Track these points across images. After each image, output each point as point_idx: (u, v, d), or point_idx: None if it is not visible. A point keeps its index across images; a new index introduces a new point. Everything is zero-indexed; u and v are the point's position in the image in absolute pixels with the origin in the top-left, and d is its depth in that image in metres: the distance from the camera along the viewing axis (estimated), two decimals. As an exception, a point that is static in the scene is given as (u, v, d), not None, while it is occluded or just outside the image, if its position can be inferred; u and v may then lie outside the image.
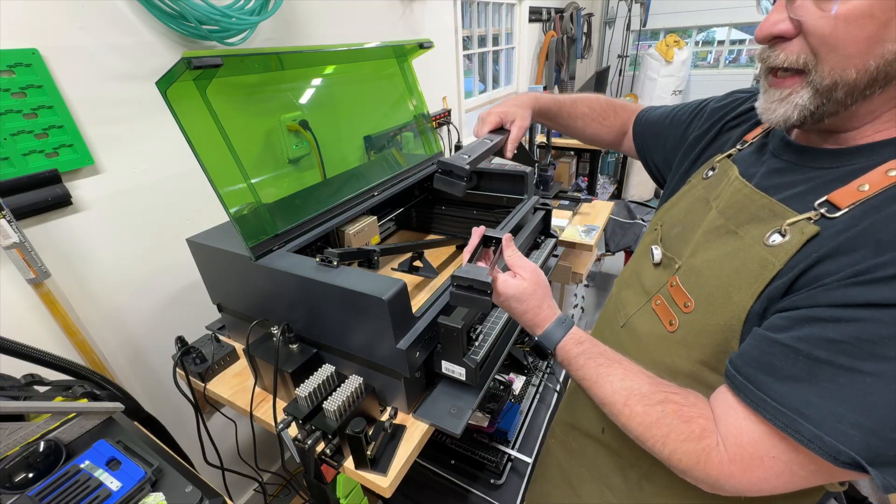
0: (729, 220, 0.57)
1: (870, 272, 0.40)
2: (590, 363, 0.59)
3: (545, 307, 0.64)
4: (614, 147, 1.00)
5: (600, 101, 0.97)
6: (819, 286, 0.44)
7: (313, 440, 0.75)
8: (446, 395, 0.85)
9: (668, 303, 0.62)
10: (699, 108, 0.79)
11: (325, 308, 0.80)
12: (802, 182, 0.51)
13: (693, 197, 0.68)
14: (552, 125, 1.00)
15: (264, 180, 0.98)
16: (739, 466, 0.46)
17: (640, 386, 0.54)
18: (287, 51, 1.08)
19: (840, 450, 0.40)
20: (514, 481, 1.19)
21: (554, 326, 0.63)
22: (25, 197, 0.90)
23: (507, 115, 0.88)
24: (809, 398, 0.42)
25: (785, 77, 0.48)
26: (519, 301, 0.63)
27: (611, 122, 0.96)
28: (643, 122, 0.91)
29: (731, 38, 4.63)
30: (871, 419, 0.39)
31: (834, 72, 0.43)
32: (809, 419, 0.42)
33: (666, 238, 0.69)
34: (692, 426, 0.49)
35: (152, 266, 1.18)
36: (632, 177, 4.44)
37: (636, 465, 0.70)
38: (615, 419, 0.57)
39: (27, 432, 0.62)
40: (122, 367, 1.16)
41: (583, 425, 0.83)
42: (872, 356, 0.39)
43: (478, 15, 2.96)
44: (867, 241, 0.41)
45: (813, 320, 0.43)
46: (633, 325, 0.70)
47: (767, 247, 0.49)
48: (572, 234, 1.79)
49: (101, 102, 1.02)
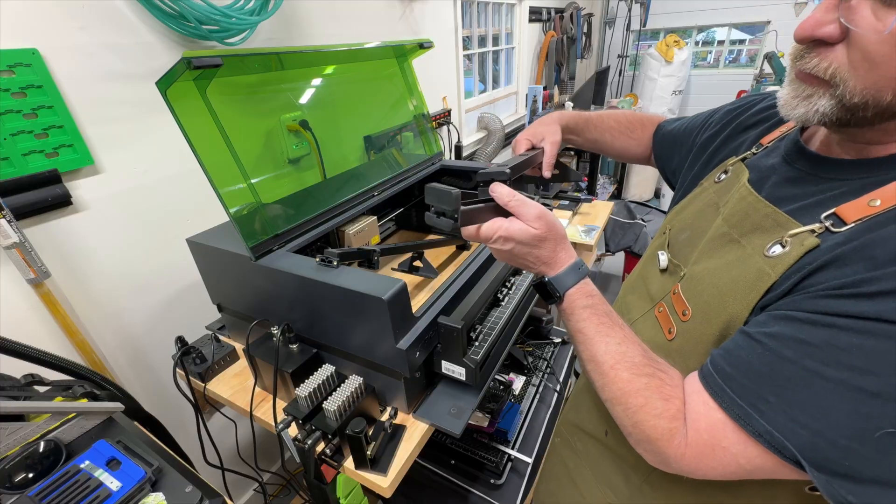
0: (732, 228, 0.56)
1: (856, 286, 0.39)
2: (593, 318, 0.57)
3: (561, 249, 0.59)
4: (643, 162, 0.97)
5: (626, 114, 0.96)
6: (804, 293, 0.44)
7: (313, 440, 0.76)
8: (446, 395, 0.85)
9: (669, 311, 0.62)
10: (714, 111, 0.78)
11: (325, 308, 0.80)
12: (813, 194, 0.49)
13: (703, 201, 0.66)
14: (580, 141, 0.97)
15: (264, 180, 0.98)
16: (694, 450, 0.47)
17: (633, 354, 0.54)
18: (287, 51, 1.08)
19: (785, 445, 0.41)
20: (514, 481, 1.19)
21: (570, 270, 0.58)
22: (25, 197, 0.90)
23: (535, 134, 0.86)
24: (767, 396, 0.43)
25: (811, 77, 0.45)
26: (532, 246, 0.57)
27: (639, 136, 0.94)
28: (662, 133, 0.89)
29: (731, 38, 4.63)
30: (822, 423, 0.39)
31: (867, 91, 0.40)
32: (764, 415, 0.42)
33: (674, 243, 0.68)
34: (669, 405, 0.50)
35: (152, 266, 1.18)
36: (632, 177, 4.44)
37: (638, 469, 0.70)
38: (596, 377, 0.56)
39: (27, 432, 0.62)
40: (122, 367, 1.16)
41: (587, 427, 0.82)
42: (837, 363, 0.39)
43: (478, 15, 2.96)
44: (862, 256, 0.40)
45: (788, 319, 0.43)
46: (636, 331, 0.68)
47: (767, 258, 0.48)
48: (572, 234, 1.79)
49: (101, 102, 1.02)
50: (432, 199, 0.58)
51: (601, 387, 0.55)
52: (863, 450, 0.38)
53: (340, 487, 0.79)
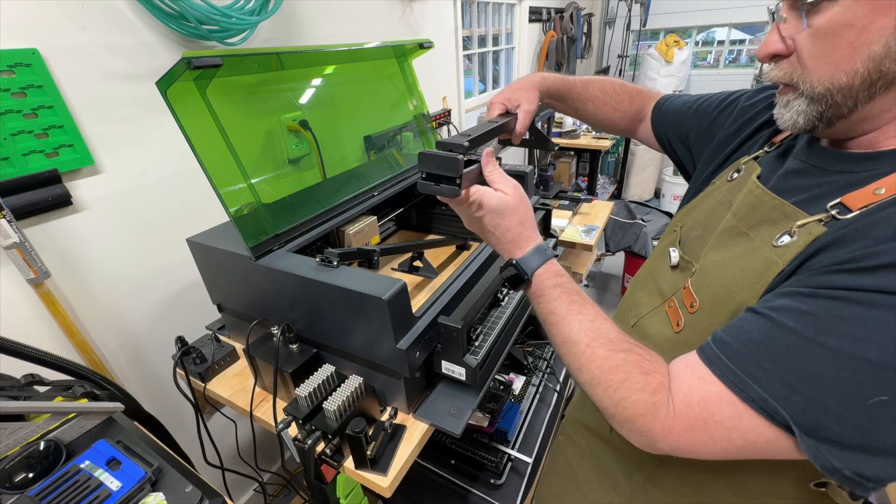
0: (740, 221, 0.57)
1: (857, 261, 0.41)
2: (564, 297, 0.57)
3: (528, 227, 0.60)
4: (628, 134, 0.96)
5: (614, 84, 0.92)
6: (808, 272, 0.45)
7: (313, 440, 0.76)
8: (446, 395, 0.85)
9: (679, 305, 0.62)
10: (728, 102, 0.76)
11: (324, 308, 0.80)
12: (819, 185, 0.51)
13: (716, 199, 0.67)
14: (561, 107, 0.93)
15: (264, 180, 0.98)
16: (683, 424, 0.46)
17: (608, 331, 0.54)
18: (287, 51, 1.09)
19: (778, 410, 0.42)
20: (514, 481, 1.19)
21: (535, 251, 0.60)
22: (25, 197, 0.90)
23: (510, 99, 0.82)
24: (764, 363, 0.43)
25: (785, 87, 0.51)
26: (501, 215, 0.59)
27: (625, 108, 0.91)
28: (663, 110, 0.87)
29: (731, 38, 4.63)
30: (816, 390, 0.40)
31: (824, 79, 0.46)
32: (759, 381, 0.43)
33: (685, 240, 0.68)
34: (650, 379, 0.49)
35: (152, 266, 1.18)
36: (632, 177, 4.45)
37: (641, 467, 0.70)
38: (571, 360, 0.55)
39: (27, 432, 0.62)
40: (122, 367, 1.16)
41: (592, 424, 0.82)
42: (838, 333, 0.40)
43: (478, 15, 2.96)
44: (863, 235, 0.42)
45: (792, 294, 0.45)
46: (643, 326, 0.69)
47: (775, 248, 0.50)
48: (572, 234, 1.79)
49: (101, 102, 1.02)
50: (429, 166, 0.58)
51: (578, 368, 0.54)
52: (855, 417, 0.39)
53: (340, 487, 0.79)
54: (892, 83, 0.44)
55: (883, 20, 0.41)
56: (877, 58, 0.42)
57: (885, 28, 0.41)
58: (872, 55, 0.42)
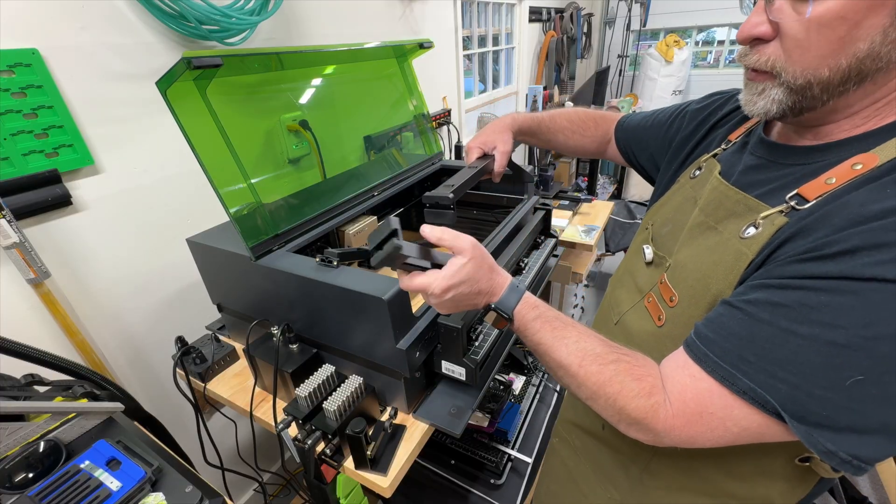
0: (709, 216, 0.60)
1: (819, 249, 0.43)
2: (546, 326, 0.59)
3: (495, 271, 0.61)
4: (598, 155, 1.03)
5: (578, 113, 1.02)
6: (775, 263, 0.47)
7: (313, 440, 0.76)
8: (446, 395, 0.85)
9: (657, 299, 0.64)
10: (679, 111, 0.82)
11: (325, 308, 0.80)
12: (777, 179, 0.54)
13: (682, 196, 0.70)
14: (535, 142, 1.03)
15: (264, 180, 0.98)
16: (682, 420, 0.49)
17: (594, 347, 0.56)
18: (287, 51, 1.08)
19: (767, 400, 0.44)
20: (514, 481, 1.19)
21: (510, 291, 0.61)
22: (25, 197, 0.90)
23: (486, 143, 0.91)
24: (748, 356, 0.46)
25: (759, 73, 0.51)
26: (474, 281, 0.57)
27: (592, 133, 1.00)
28: (624, 128, 0.95)
29: (731, 38, 4.63)
30: (798, 377, 0.42)
31: (807, 71, 0.46)
32: (746, 374, 0.45)
33: (657, 237, 0.71)
34: (642, 384, 0.52)
35: (152, 266, 1.18)
36: (632, 177, 4.44)
37: (636, 460, 0.71)
38: (569, 381, 0.57)
39: (27, 432, 0.62)
40: (122, 367, 1.16)
41: (584, 423, 0.83)
42: (809, 321, 0.42)
43: (478, 15, 2.96)
44: (823, 224, 0.44)
45: (763, 287, 0.47)
46: (626, 323, 0.71)
47: (742, 239, 0.52)
48: (572, 234, 1.79)
49: (101, 102, 1.02)
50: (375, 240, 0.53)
51: (576, 388, 0.57)
52: (837, 398, 0.41)
53: (340, 487, 0.79)
54: (863, 81, 0.45)
55: (875, 18, 0.41)
56: (860, 55, 0.43)
57: (874, 26, 0.42)
58: (857, 52, 0.43)
